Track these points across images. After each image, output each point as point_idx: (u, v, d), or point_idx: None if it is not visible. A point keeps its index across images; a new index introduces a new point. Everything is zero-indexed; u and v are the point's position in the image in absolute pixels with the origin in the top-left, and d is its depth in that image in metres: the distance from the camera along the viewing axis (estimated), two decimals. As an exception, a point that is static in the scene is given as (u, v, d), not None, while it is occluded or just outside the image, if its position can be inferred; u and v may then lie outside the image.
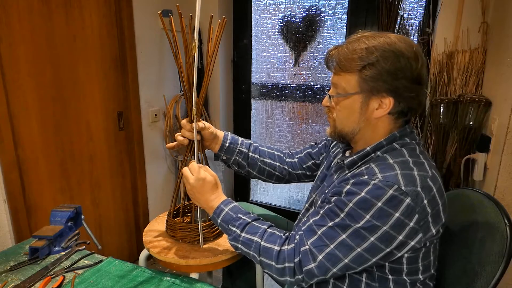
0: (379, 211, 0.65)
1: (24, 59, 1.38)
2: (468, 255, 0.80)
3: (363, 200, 0.67)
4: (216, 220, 0.85)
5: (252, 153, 1.05)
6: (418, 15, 1.86)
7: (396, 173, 0.67)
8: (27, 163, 1.43)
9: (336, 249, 0.68)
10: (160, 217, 1.10)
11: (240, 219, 0.81)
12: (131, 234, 2.06)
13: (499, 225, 0.76)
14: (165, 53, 2.06)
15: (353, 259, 0.68)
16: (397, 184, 0.66)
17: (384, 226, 0.65)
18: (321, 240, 0.70)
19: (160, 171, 2.17)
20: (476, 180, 1.51)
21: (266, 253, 0.75)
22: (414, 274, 0.74)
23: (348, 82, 0.74)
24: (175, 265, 0.89)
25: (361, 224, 0.66)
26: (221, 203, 0.85)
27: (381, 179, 0.67)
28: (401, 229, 0.66)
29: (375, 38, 0.72)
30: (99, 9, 1.66)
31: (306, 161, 1.08)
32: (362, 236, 0.67)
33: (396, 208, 0.65)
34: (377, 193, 0.66)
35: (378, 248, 0.67)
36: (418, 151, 0.75)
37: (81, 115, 1.64)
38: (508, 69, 1.31)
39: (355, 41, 0.74)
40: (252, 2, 2.29)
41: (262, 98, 2.44)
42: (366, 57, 0.71)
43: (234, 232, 0.80)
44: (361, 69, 0.72)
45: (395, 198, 0.65)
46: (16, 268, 0.86)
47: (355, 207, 0.67)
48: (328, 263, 0.69)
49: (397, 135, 0.76)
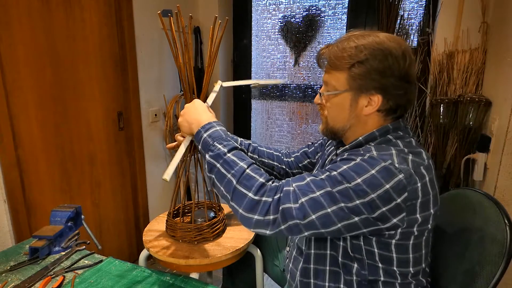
0: (371, 178, 0.66)
1: (24, 59, 1.38)
2: (468, 255, 0.80)
3: (357, 165, 0.68)
4: (201, 135, 0.81)
5: (251, 153, 1.05)
6: (418, 15, 1.86)
7: (391, 153, 0.69)
8: (27, 163, 1.43)
9: (321, 196, 0.68)
10: (160, 217, 1.10)
11: (229, 141, 0.79)
12: (131, 234, 2.06)
13: (499, 225, 0.76)
14: (165, 53, 2.06)
15: (335, 211, 0.67)
16: (391, 160, 0.67)
17: (372, 194, 0.66)
18: (308, 186, 0.70)
19: (160, 171, 2.17)
20: (476, 180, 1.51)
21: (247, 181, 0.72)
22: (404, 265, 0.74)
23: (338, 80, 0.76)
24: (175, 265, 0.89)
25: (351, 185, 0.67)
26: (213, 121, 0.83)
27: (376, 154, 0.69)
28: (387, 203, 0.66)
29: (364, 37, 0.74)
30: (99, 9, 1.66)
31: (303, 160, 1.08)
32: (349, 196, 0.67)
33: (388, 180, 0.66)
34: (371, 162, 0.68)
35: (360, 212, 0.67)
36: (414, 143, 0.76)
37: (81, 115, 1.64)
38: (508, 69, 1.31)
39: (345, 40, 0.75)
40: (252, 2, 2.29)
41: (262, 98, 2.44)
42: (355, 55, 0.72)
43: (219, 150, 0.77)
44: (350, 67, 0.73)
45: (389, 170, 0.66)
46: (16, 268, 0.86)
47: (348, 169, 0.68)
48: (309, 208, 0.68)
49: (390, 127, 0.77)
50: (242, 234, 1.00)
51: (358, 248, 0.75)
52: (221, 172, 0.75)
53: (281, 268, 1.09)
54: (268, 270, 1.14)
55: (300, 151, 1.11)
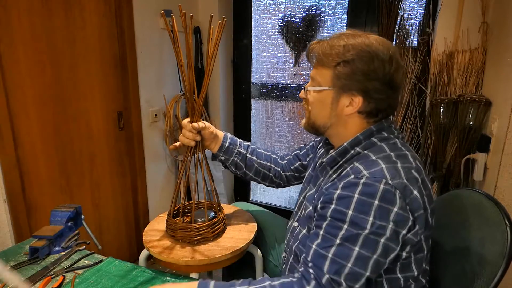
0: (379, 209, 0.65)
1: (24, 59, 1.38)
2: (468, 256, 0.80)
3: (359, 203, 0.66)
4: None
5: (250, 154, 1.06)
6: (418, 15, 1.86)
7: (381, 168, 0.68)
8: (27, 163, 1.43)
9: (355, 266, 0.65)
10: (160, 217, 1.10)
11: (234, 283, 0.72)
12: (131, 234, 2.05)
13: (499, 225, 0.76)
14: (165, 53, 2.06)
15: (373, 269, 0.66)
16: (384, 179, 0.66)
17: (389, 224, 0.65)
18: (336, 263, 0.66)
19: (160, 171, 2.17)
20: (476, 180, 1.51)
21: None
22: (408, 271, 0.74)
23: (323, 76, 0.77)
24: (175, 265, 0.89)
25: (368, 228, 0.65)
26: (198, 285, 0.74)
27: (368, 176, 0.67)
28: (403, 223, 0.66)
29: (354, 37, 0.74)
30: (99, 9, 1.66)
31: (294, 163, 1.09)
32: (374, 241, 0.65)
33: (392, 203, 0.65)
34: (369, 191, 0.66)
35: (390, 248, 0.66)
36: (400, 144, 0.76)
37: (81, 115, 1.64)
38: (508, 69, 1.31)
39: (336, 37, 0.76)
40: (252, 2, 2.29)
41: (262, 98, 2.44)
42: (342, 54, 0.73)
43: None
44: (336, 65, 0.74)
45: (387, 192, 0.65)
46: (16, 268, 0.86)
47: (355, 213, 0.66)
48: (352, 283, 0.65)
49: (374, 130, 0.76)
50: (242, 234, 1.00)
51: None
52: None
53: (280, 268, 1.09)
54: (268, 270, 1.14)
55: (292, 153, 1.11)
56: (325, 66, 0.76)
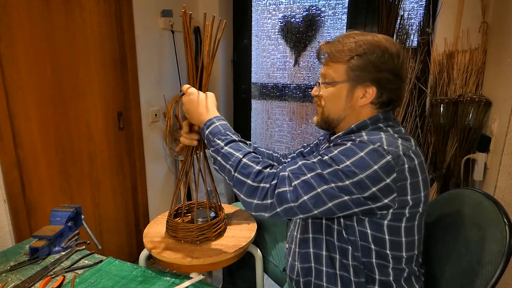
0: (359, 160, 0.70)
1: (24, 59, 1.38)
2: (468, 255, 0.81)
3: (347, 149, 0.73)
4: (204, 132, 0.87)
5: None
6: (418, 15, 1.86)
7: (380, 136, 0.74)
8: (27, 163, 1.43)
9: (312, 178, 0.72)
10: (159, 218, 1.10)
11: (227, 135, 0.84)
12: (131, 234, 2.06)
13: (498, 224, 0.76)
14: (165, 53, 2.06)
15: (326, 191, 0.71)
16: (380, 143, 0.71)
17: (361, 174, 0.69)
18: (300, 170, 0.75)
19: (160, 171, 2.17)
20: (476, 180, 1.51)
21: (244, 169, 0.78)
22: (397, 249, 0.76)
23: (337, 71, 0.81)
24: (175, 265, 0.88)
25: (340, 167, 0.71)
26: (213, 117, 0.88)
27: (366, 138, 0.74)
28: (376, 182, 0.69)
29: (363, 35, 0.80)
30: (99, 9, 1.66)
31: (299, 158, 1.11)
32: (339, 176, 0.71)
33: (376, 161, 0.69)
34: (361, 145, 0.72)
35: (350, 191, 0.70)
36: (404, 132, 0.81)
37: (81, 115, 1.64)
38: (508, 69, 1.31)
39: (346, 36, 0.81)
40: (252, 2, 2.29)
41: (262, 98, 2.44)
42: (355, 49, 0.78)
43: (218, 144, 0.83)
44: (350, 59, 0.78)
45: (376, 151, 0.70)
46: (16, 268, 0.86)
47: (338, 153, 0.73)
48: (301, 190, 0.72)
49: (381, 117, 0.81)
50: (243, 233, 1.00)
51: (352, 230, 0.78)
52: (221, 164, 0.82)
53: (280, 268, 1.09)
54: (268, 270, 1.14)
55: (296, 151, 1.14)
56: (338, 62, 0.80)
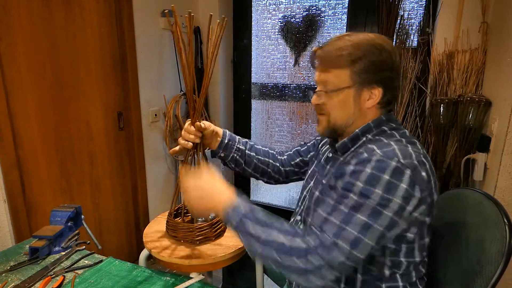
0: (387, 184, 0.67)
1: (24, 59, 1.38)
2: (468, 255, 0.80)
3: (370, 176, 0.69)
4: (226, 218, 0.78)
5: (249, 150, 1.06)
6: (418, 15, 1.86)
7: (393, 148, 0.71)
8: (27, 163, 1.43)
9: (359, 233, 0.67)
10: (160, 217, 1.10)
11: (256, 208, 0.77)
12: (131, 234, 2.06)
13: (498, 224, 0.76)
14: (165, 53, 2.06)
15: (376, 239, 0.68)
16: (396, 157, 0.69)
17: (396, 198, 0.67)
18: (340, 228, 0.69)
19: (160, 171, 2.17)
20: (476, 180, 1.51)
21: (290, 251, 0.70)
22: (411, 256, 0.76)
23: (339, 77, 0.78)
24: (175, 265, 0.88)
25: (375, 200, 0.67)
26: (228, 201, 0.78)
27: (381, 154, 0.71)
28: (409, 200, 0.68)
29: (356, 36, 0.78)
30: (99, 9, 1.66)
31: (295, 158, 1.10)
32: (378, 212, 0.68)
33: (401, 179, 0.68)
34: (380, 166, 0.69)
35: (395, 223, 0.68)
36: (408, 134, 0.80)
37: (81, 115, 1.64)
38: (508, 69, 1.31)
39: (338, 39, 0.79)
40: (252, 2, 2.29)
41: (262, 98, 2.44)
42: (354, 53, 0.76)
43: (248, 228, 0.74)
44: (352, 64, 0.76)
45: (397, 169, 0.68)
46: (16, 268, 0.86)
47: (364, 185, 0.69)
48: (355, 251, 0.67)
49: (384, 119, 0.80)
50: (242, 234, 1.00)
51: None
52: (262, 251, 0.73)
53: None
54: (268, 270, 1.14)
55: (293, 149, 1.13)
56: (339, 67, 0.78)
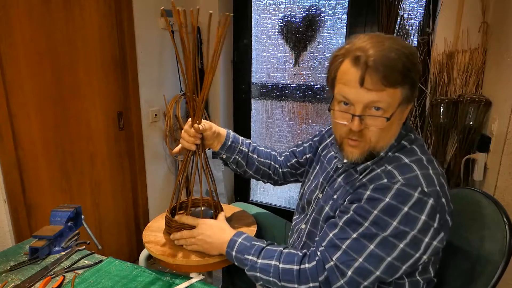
0: (405, 216, 0.63)
1: (24, 59, 1.38)
2: (468, 255, 0.80)
3: (388, 206, 0.64)
4: (231, 254, 0.82)
5: (251, 153, 1.05)
6: (418, 15, 1.86)
7: (416, 174, 0.66)
8: (27, 163, 1.43)
9: (365, 261, 0.64)
10: (159, 217, 1.10)
11: (254, 246, 0.79)
12: (131, 234, 2.06)
13: (498, 224, 0.76)
14: (165, 53, 2.06)
15: (385, 270, 0.65)
16: (420, 186, 0.64)
17: (412, 231, 0.63)
18: (347, 255, 0.66)
19: (160, 171, 2.17)
20: (476, 180, 1.51)
21: (286, 275, 0.71)
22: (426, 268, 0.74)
23: (393, 96, 0.66)
24: (175, 265, 0.88)
25: (389, 231, 0.63)
26: (233, 235, 0.83)
27: (403, 182, 0.65)
28: (427, 232, 0.64)
29: (394, 41, 0.66)
30: (99, 9, 1.66)
31: (290, 159, 1.08)
32: (391, 244, 0.63)
33: (422, 211, 0.63)
34: (401, 197, 0.64)
35: (408, 255, 0.64)
36: (424, 145, 0.75)
37: (81, 115, 1.64)
38: (508, 69, 1.31)
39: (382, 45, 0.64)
40: (252, 2, 2.29)
41: (262, 98, 2.43)
42: (405, 65, 0.64)
43: (251, 261, 0.77)
44: (405, 78, 0.65)
45: (420, 200, 0.63)
46: (16, 268, 0.86)
47: (380, 214, 0.64)
48: (359, 278, 0.65)
49: (404, 133, 0.75)
50: (242, 234, 0.99)
51: None
52: (264, 279, 0.76)
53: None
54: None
55: (289, 150, 1.11)
56: (393, 85, 0.64)
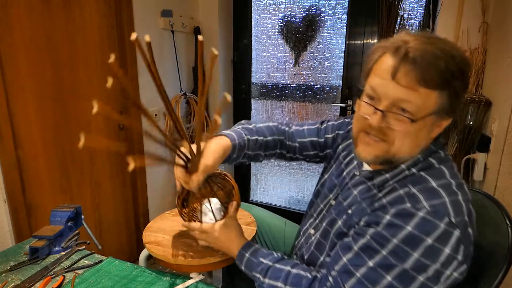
0: (429, 249, 0.57)
1: (24, 59, 1.38)
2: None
3: (410, 236, 0.58)
4: (240, 267, 0.81)
5: (257, 150, 0.95)
6: (418, 15, 1.86)
7: (444, 202, 0.59)
8: (27, 163, 1.43)
9: None
10: (159, 218, 1.10)
11: (261, 264, 0.76)
12: (131, 234, 2.05)
13: (500, 226, 0.75)
14: (165, 53, 2.06)
15: None
16: (447, 216, 0.58)
17: (434, 264, 0.58)
18: (362, 284, 0.61)
19: (160, 171, 2.17)
20: (476, 180, 1.51)
21: None
22: None
23: (426, 99, 0.58)
24: (175, 265, 0.88)
25: (409, 264, 0.58)
26: (241, 248, 0.81)
27: (429, 209, 0.58)
28: (450, 264, 0.59)
29: (446, 42, 0.58)
30: (99, 9, 1.66)
31: (309, 150, 0.96)
32: (411, 277, 0.58)
33: (446, 243, 0.57)
34: (426, 228, 0.57)
35: (427, 287, 0.59)
36: (454, 166, 0.67)
37: (81, 115, 1.64)
38: (508, 69, 1.31)
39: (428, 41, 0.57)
40: (252, 2, 2.29)
41: (262, 98, 2.44)
42: (451, 68, 0.56)
43: (258, 279, 0.75)
44: (445, 83, 0.57)
45: (445, 232, 0.57)
46: (16, 268, 0.86)
47: (401, 244, 0.58)
48: None
49: (434, 149, 0.66)
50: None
51: None
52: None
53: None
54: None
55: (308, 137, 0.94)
56: (427, 85, 0.57)
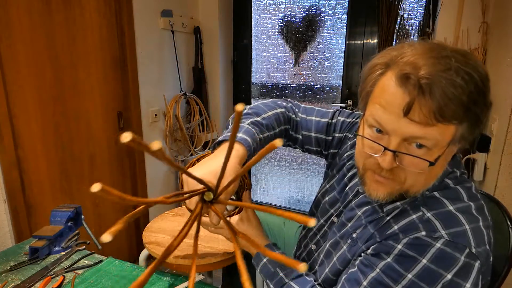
0: (448, 285, 0.52)
1: (24, 59, 1.38)
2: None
3: (427, 271, 0.52)
4: (256, 267, 0.79)
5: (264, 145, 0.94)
6: (418, 15, 1.86)
7: (464, 230, 0.53)
8: (27, 163, 1.43)
9: None
10: (159, 218, 1.10)
11: (277, 276, 0.72)
12: (131, 234, 2.05)
13: (501, 226, 0.75)
14: (165, 53, 2.06)
15: None
16: (468, 247, 0.52)
17: None
18: None
19: (160, 171, 2.17)
20: (476, 180, 1.51)
21: None
22: None
23: (444, 133, 0.51)
24: (175, 265, 0.88)
25: None
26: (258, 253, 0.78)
27: (447, 238, 0.52)
28: None
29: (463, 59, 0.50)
30: (99, 9, 1.66)
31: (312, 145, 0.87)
32: None
33: (467, 278, 0.52)
34: (444, 261, 0.51)
35: None
36: (472, 187, 0.60)
37: (81, 115, 1.64)
38: (508, 69, 1.31)
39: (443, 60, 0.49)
40: (252, 2, 2.29)
41: (262, 98, 2.44)
42: (473, 95, 0.49)
43: None
44: (467, 113, 0.49)
45: (466, 265, 0.51)
46: (16, 268, 0.86)
47: (416, 280, 0.53)
48: None
49: (450, 170, 0.60)
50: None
51: None
52: None
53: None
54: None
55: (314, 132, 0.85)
56: (447, 120, 0.49)
